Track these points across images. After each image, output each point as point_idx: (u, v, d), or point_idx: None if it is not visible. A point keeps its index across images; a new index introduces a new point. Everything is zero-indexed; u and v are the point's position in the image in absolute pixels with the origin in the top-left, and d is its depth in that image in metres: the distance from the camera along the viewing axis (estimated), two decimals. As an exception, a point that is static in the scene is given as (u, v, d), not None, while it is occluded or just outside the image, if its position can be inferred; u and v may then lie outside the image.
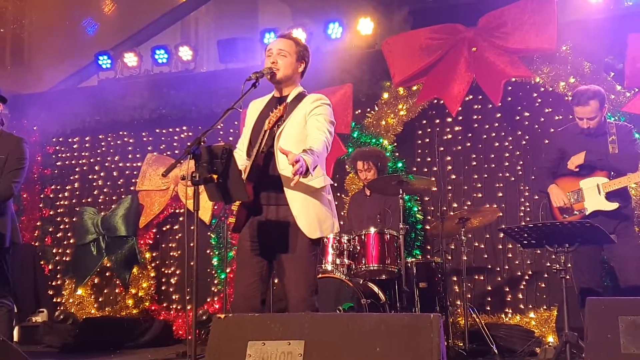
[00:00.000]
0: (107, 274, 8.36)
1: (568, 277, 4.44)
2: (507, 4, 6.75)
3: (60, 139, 8.93)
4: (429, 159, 7.33)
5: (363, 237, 5.74)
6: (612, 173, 4.88)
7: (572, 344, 4.16)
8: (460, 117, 7.20)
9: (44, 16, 8.91)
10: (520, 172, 6.98)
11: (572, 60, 6.64)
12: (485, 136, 7.17)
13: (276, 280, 4.92)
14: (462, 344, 5.81)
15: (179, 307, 8.05)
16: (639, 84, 6.30)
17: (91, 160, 8.83)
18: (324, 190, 3.73)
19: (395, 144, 7.31)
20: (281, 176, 3.60)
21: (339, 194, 7.47)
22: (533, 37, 6.56)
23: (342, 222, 6.81)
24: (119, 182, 8.64)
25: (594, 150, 4.92)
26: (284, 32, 3.97)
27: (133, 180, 8.40)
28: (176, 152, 8.35)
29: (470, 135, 7.23)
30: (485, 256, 6.98)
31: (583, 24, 6.72)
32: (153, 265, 8.28)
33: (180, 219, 8.25)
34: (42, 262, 8.70)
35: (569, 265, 4.91)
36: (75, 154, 8.90)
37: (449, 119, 7.24)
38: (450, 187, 7.23)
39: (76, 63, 9.32)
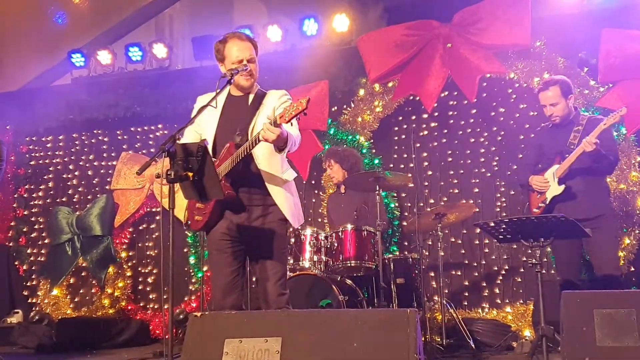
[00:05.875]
0: (82, 274, 8.29)
1: (544, 271, 4.47)
2: (482, 0, 6.79)
3: (34, 138, 8.84)
4: (405, 155, 7.35)
5: (340, 233, 5.73)
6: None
7: (548, 337, 4.19)
8: (436, 113, 7.22)
9: (16, 14, 8.78)
10: (496, 168, 7.02)
11: (546, 55, 6.69)
12: (461, 132, 7.20)
13: (254, 279, 4.92)
14: (439, 339, 5.83)
15: (155, 307, 8.00)
16: (613, 78, 6.36)
17: (65, 159, 8.74)
18: (293, 183, 3.87)
19: (372, 140, 7.32)
20: (261, 172, 3.65)
21: (316, 191, 7.46)
22: (507, 32, 6.60)
23: (320, 220, 6.83)
24: (94, 181, 8.56)
25: (560, 139, 4.93)
26: (240, 34, 3.90)
27: (108, 179, 8.33)
28: (151, 150, 8.28)
29: (446, 131, 7.25)
30: (462, 251, 7.01)
31: (557, 19, 6.78)
32: (129, 264, 8.22)
33: (157, 217, 8.20)
34: (16, 263, 8.60)
35: (545, 259, 4.95)
36: (49, 153, 8.81)
37: (425, 115, 7.26)
38: (426, 183, 7.25)
39: (49, 61, 9.20)
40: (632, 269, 6.20)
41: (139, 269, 8.22)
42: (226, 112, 3.82)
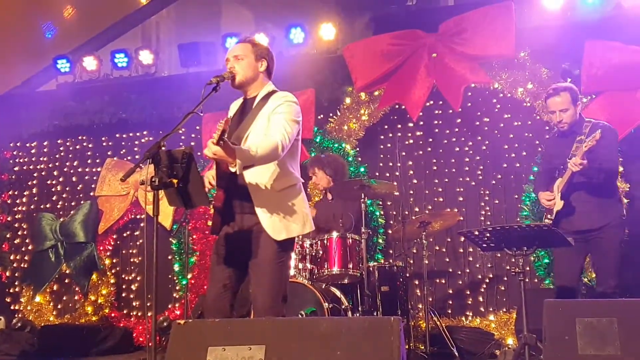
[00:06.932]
0: (65, 281, 8.23)
1: (527, 279, 4.48)
2: (467, 10, 6.85)
3: (18, 144, 8.78)
4: (390, 164, 7.37)
5: (325, 241, 5.74)
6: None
7: (530, 345, 4.21)
8: (421, 122, 7.25)
9: (1, 19, 8.74)
10: (481, 177, 7.06)
11: (530, 66, 6.74)
12: (445, 141, 7.23)
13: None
14: (423, 347, 5.85)
15: (139, 314, 7.95)
16: (595, 89, 6.42)
17: (49, 165, 8.68)
18: (292, 190, 3.73)
19: (358, 148, 7.34)
20: (247, 181, 3.61)
21: (301, 199, 7.45)
22: (492, 43, 6.65)
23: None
24: (78, 188, 8.51)
25: (566, 149, 4.91)
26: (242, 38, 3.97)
27: (92, 186, 8.28)
28: (137, 157, 8.25)
29: (431, 140, 7.29)
30: (447, 260, 7.03)
31: (541, 30, 6.83)
32: (113, 271, 8.17)
33: (141, 224, 8.16)
34: (-1, 269, 8.54)
35: (528, 268, 4.96)
36: (34, 159, 8.75)
37: (410, 124, 7.29)
38: (411, 192, 7.27)
39: (34, 67, 9.15)
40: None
41: (123, 276, 8.18)
42: (235, 118, 3.81)
